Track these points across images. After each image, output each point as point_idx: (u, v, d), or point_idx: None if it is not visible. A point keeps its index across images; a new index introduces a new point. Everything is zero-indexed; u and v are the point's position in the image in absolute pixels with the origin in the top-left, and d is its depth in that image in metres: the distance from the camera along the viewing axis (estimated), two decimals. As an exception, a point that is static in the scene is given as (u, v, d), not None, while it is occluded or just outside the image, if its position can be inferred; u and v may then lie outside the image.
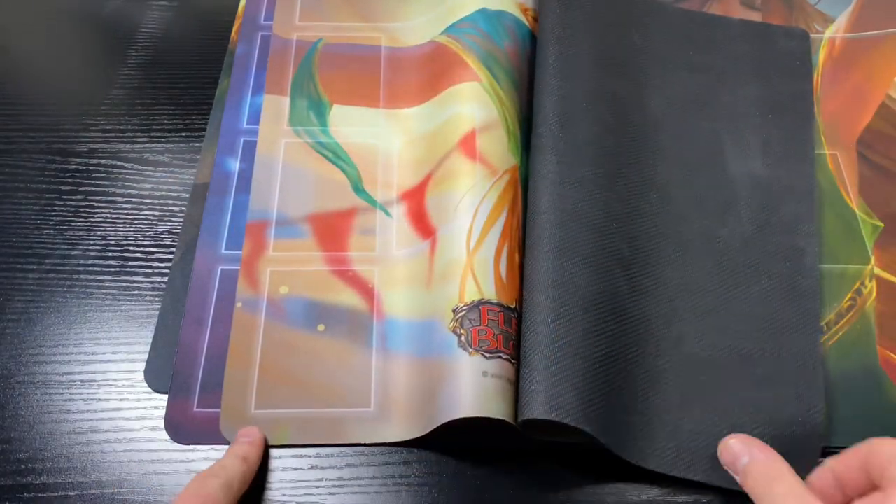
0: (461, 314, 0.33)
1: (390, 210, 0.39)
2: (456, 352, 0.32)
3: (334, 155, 0.41)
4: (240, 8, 0.48)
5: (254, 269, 0.37)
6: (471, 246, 0.35)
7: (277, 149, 0.41)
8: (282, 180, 0.40)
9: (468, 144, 0.38)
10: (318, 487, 0.32)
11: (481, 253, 0.34)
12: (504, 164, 0.38)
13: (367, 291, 0.37)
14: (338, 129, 0.42)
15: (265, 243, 0.38)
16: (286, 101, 0.43)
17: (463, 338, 0.32)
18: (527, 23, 0.44)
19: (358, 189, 0.40)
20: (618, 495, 0.32)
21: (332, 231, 0.38)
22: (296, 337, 0.35)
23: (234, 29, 0.47)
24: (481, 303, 0.33)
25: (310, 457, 0.33)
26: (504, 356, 0.32)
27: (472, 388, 0.31)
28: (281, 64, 0.45)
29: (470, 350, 0.32)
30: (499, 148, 0.38)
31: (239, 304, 0.36)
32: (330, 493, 0.32)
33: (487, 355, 0.32)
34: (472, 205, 0.36)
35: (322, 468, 0.32)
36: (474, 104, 0.39)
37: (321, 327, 0.36)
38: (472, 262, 0.34)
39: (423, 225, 0.38)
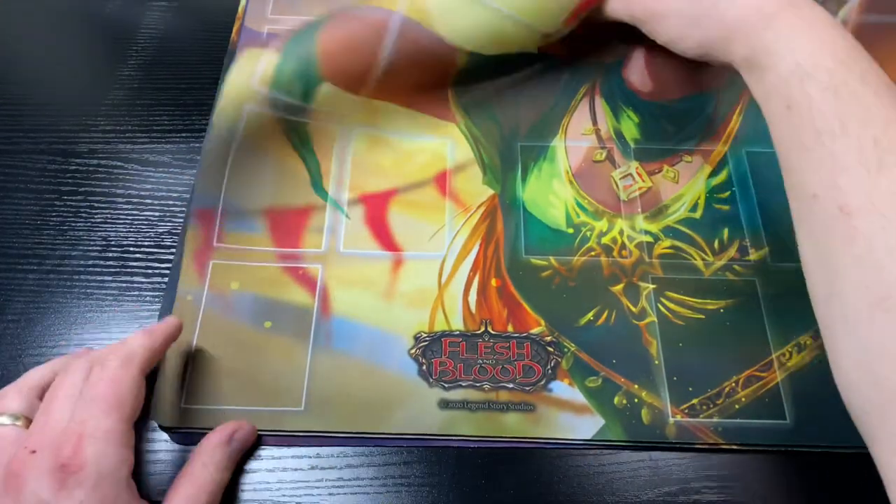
0: (423, 344, 0.35)
1: (347, 209, 0.39)
2: (416, 378, 0.34)
3: (300, 140, 0.40)
4: (240, 8, 0.48)
5: (204, 262, 0.37)
6: (442, 280, 0.37)
7: (238, 119, 0.37)
8: (235, 159, 0.38)
9: (441, 182, 0.40)
10: (318, 488, 0.32)
11: (452, 287, 0.37)
12: (478, 199, 0.40)
13: (315, 289, 0.37)
14: (316, 111, 0.39)
15: (215, 234, 0.38)
16: (270, 57, 0.37)
17: (424, 367, 0.35)
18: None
19: (317, 185, 0.39)
20: (618, 495, 0.32)
21: (286, 228, 0.38)
22: (242, 332, 0.35)
23: (234, 29, 0.47)
24: (444, 335, 0.35)
25: (310, 457, 0.33)
26: (464, 384, 0.34)
27: (431, 416, 0.33)
28: (256, 42, 0.45)
29: (430, 381, 0.34)
30: (472, 186, 0.40)
31: (189, 298, 0.36)
32: (330, 494, 0.32)
33: (446, 385, 0.34)
34: (445, 241, 0.38)
35: (322, 468, 0.32)
36: (449, 142, 0.42)
37: (268, 324, 0.35)
38: (442, 295, 0.37)
39: (383, 234, 0.38)
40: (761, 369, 0.35)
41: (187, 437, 0.33)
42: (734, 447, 0.33)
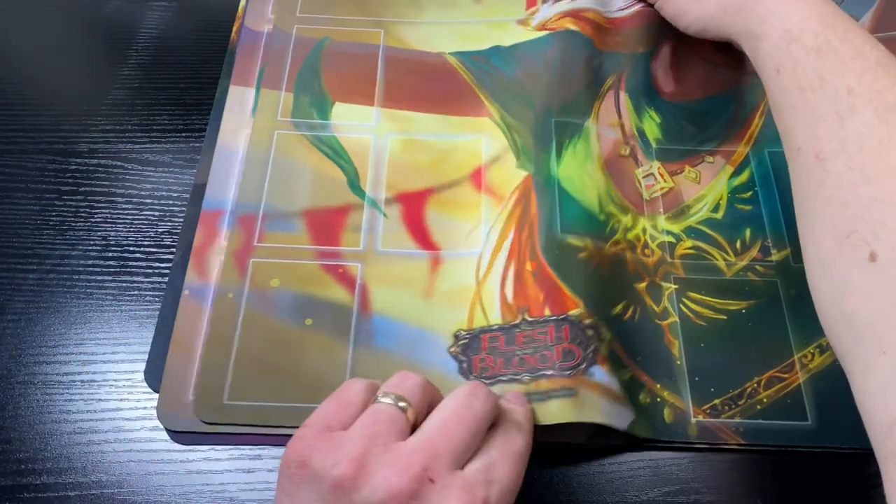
0: (463, 341, 0.35)
1: (385, 208, 0.39)
2: (456, 377, 0.34)
3: (333, 152, 0.41)
4: (240, 8, 0.48)
5: (245, 261, 0.37)
6: (479, 276, 0.37)
7: (270, 142, 0.41)
8: (273, 172, 0.40)
9: (476, 178, 0.41)
10: (318, 487, 0.32)
11: (489, 282, 0.37)
12: (511, 186, 0.40)
13: (354, 287, 0.37)
14: (337, 125, 0.42)
15: (256, 235, 0.38)
16: (286, 95, 0.43)
17: (464, 365, 0.34)
18: (542, 34, 0.46)
19: (354, 186, 0.40)
20: (618, 495, 0.32)
21: (325, 227, 0.38)
22: (283, 329, 0.35)
23: (234, 29, 0.47)
24: (482, 331, 0.35)
25: (310, 457, 0.33)
26: (504, 378, 0.33)
27: None
28: (279, 57, 0.45)
29: (471, 377, 0.34)
30: (506, 173, 0.40)
31: (230, 295, 0.36)
32: (330, 493, 0.32)
33: (488, 382, 0.34)
34: (482, 238, 0.38)
35: (322, 468, 0.32)
36: (484, 138, 0.42)
37: (309, 321, 0.35)
38: (480, 291, 0.36)
39: (420, 233, 0.39)
40: (783, 370, 0.35)
41: (188, 436, 0.33)
42: (733, 447, 0.33)
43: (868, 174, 0.25)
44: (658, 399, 0.33)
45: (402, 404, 0.26)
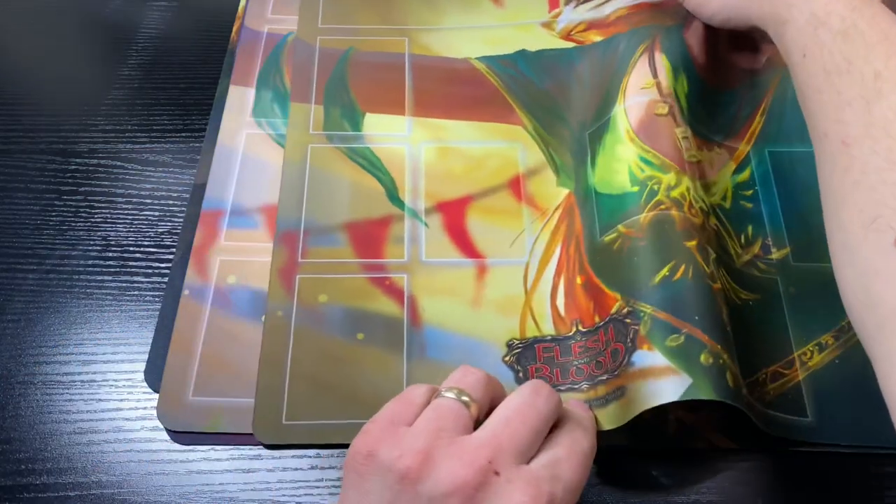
0: (517, 351, 0.35)
1: (425, 218, 0.39)
2: (513, 385, 0.34)
3: (369, 164, 0.41)
4: (240, 8, 0.48)
5: (291, 278, 0.37)
6: (528, 286, 0.37)
7: (304, 157, 0.41)
8: (311, 186, 0.40)
9: (515, 187, 0.41)
10: (318, 487, 0.32)
11: (538, 292, 0.37)
12: (554, 202, 0.40)
13: (402, 299, 0.36)
14: (370, 136, 0.42)
15: (299, 251, 0.37)
16: (316, 108, 0.43)
17: (520, 374, 0.34)
18: (570, 44, 0.45)
19: (393, 197, 0.40)
20: (618, 496, 0.32)
21: (368, 239, 0.38)
22: (335, 345, 0.35)
23: (234, 29, 0.47)
24: (536, 341, 0.35)
25: (310, 457, 0.33)
26: (563, 388, 0.33)
27: None
28: (305, 70, 0.44)
29: None
30: (546, 189, 0.41)
31: (279, 313, 0.35)
32: (330, 494, 0.32)
33: None
34: (526, 247, 0.38)
35: (322, 468, 0.32)
36: (519, 147, 0.42)
37: (360, 336, 0.35)
38: (530, 300, 0.37)
39: (463, 242, 0.39)
40: (784, 366, 0.35)
41: (187, 436, 0.33)
42: (732, 447, 0.33)
43: (894, 159, 0.25)
44: (721, 360, 0.30)
45: (464, 398, 0.26)
